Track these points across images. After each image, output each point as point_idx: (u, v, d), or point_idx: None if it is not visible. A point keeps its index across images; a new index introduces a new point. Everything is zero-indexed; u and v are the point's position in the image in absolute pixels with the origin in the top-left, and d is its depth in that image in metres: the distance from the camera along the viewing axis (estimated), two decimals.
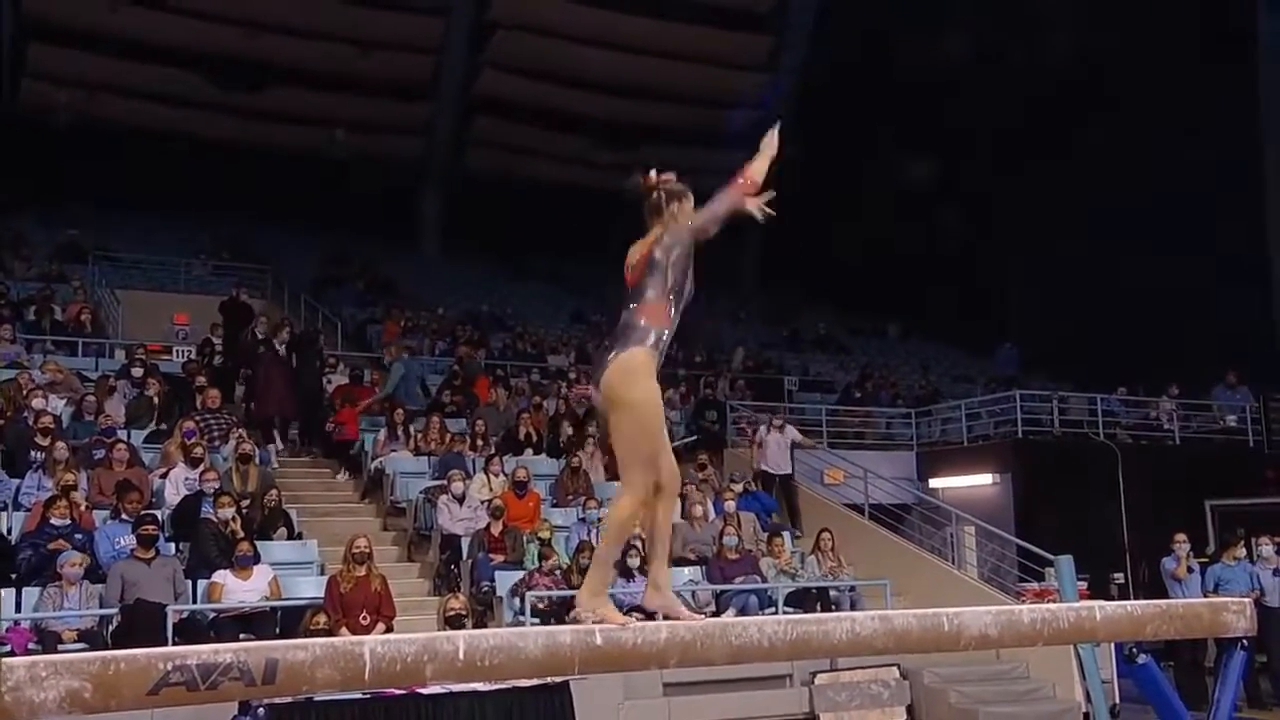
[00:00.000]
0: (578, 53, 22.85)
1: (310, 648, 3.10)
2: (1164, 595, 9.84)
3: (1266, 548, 10.69)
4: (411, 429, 12.11)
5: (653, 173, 3.87)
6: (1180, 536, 10.76)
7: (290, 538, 9.69)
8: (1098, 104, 20.48)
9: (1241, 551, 10.59)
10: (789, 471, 13.05)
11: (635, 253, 3.78)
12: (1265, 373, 16.70)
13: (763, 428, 13.37)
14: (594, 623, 3.58)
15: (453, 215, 24.48)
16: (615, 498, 3.75)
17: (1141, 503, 13.45)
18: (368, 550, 8.52)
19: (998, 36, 21.31)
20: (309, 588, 8.86)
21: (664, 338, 3.68)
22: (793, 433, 13.35)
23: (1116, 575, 12.86)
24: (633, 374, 3.55)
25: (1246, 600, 4.87)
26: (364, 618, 8.10)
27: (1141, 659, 4.58)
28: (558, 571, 9.45)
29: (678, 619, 3.69)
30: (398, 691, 5.79)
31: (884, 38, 22.80)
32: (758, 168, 3.84)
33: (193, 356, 13.79)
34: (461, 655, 3.32)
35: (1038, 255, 21.61)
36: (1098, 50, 20.39)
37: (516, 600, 9.19)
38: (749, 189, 3.80)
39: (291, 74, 21.98)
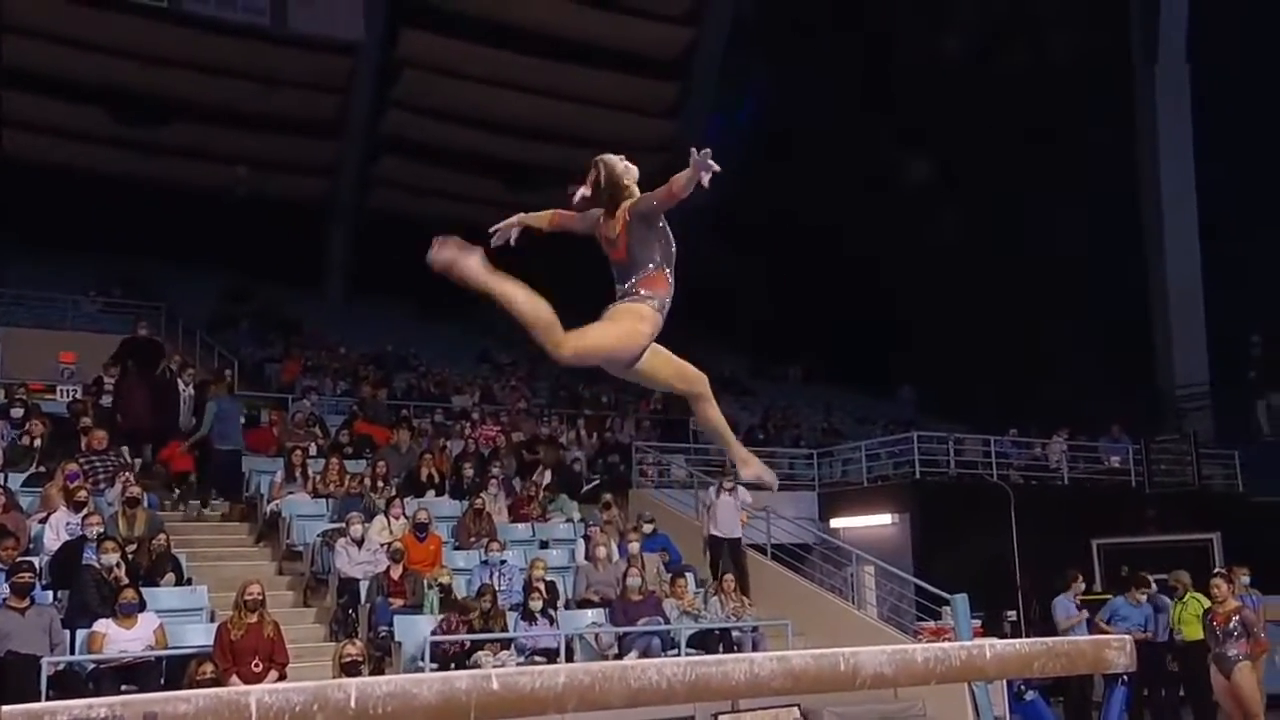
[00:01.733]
0: (486, 94, 22.91)
1: (192, 699, 2.99)
2: (1055, 632, 10.10)
3: (1146, 590, 11.00)
4: (310, 470, 11.85)
5: (601, 160, 3.96)
6: (1076, 575, 11.09)
7: (179, 583, 9.36)
8: (982, 162, 21.25)
9: (1143, 596, 10.90)
10: (739, 536, 12.40)
11: (611, 227, 3.84)
12: (1147, 418, 17.46)
13: (712, 490, 12.68)
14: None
15: (358, 255, 24.17)
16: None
17: (1032, 541, 13.83)
18: (260, 596, 8.27)
19: (885, 84, 22.02)
20: (197, 635, 8.56)
21: (666, 304, 3.79)
22: (744, 495, 12.62)
23: (1009, 613, 13.19)
24: (632, 313, 3.75)
25: (1127, 637, 5.05)
26: (256, 665, 7.85)
27: (1029, 696, 4.71)
28: (457, 617, 9.29)
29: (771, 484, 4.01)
30: None
31: (787, 83, 23.40)
32: (683, 179, 3.80)
33: (78, 396, 13.28)
34: (353, 704, 3.24)
35: (936, 302, 22.26)
36: (980, 113, 21.25)
37: (420, 645, 9.01)
38: (674, 190, 3.80)
39: (194, 110, 21.55)
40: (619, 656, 9.43)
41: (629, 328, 3.82)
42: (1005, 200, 20.53)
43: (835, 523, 15.23)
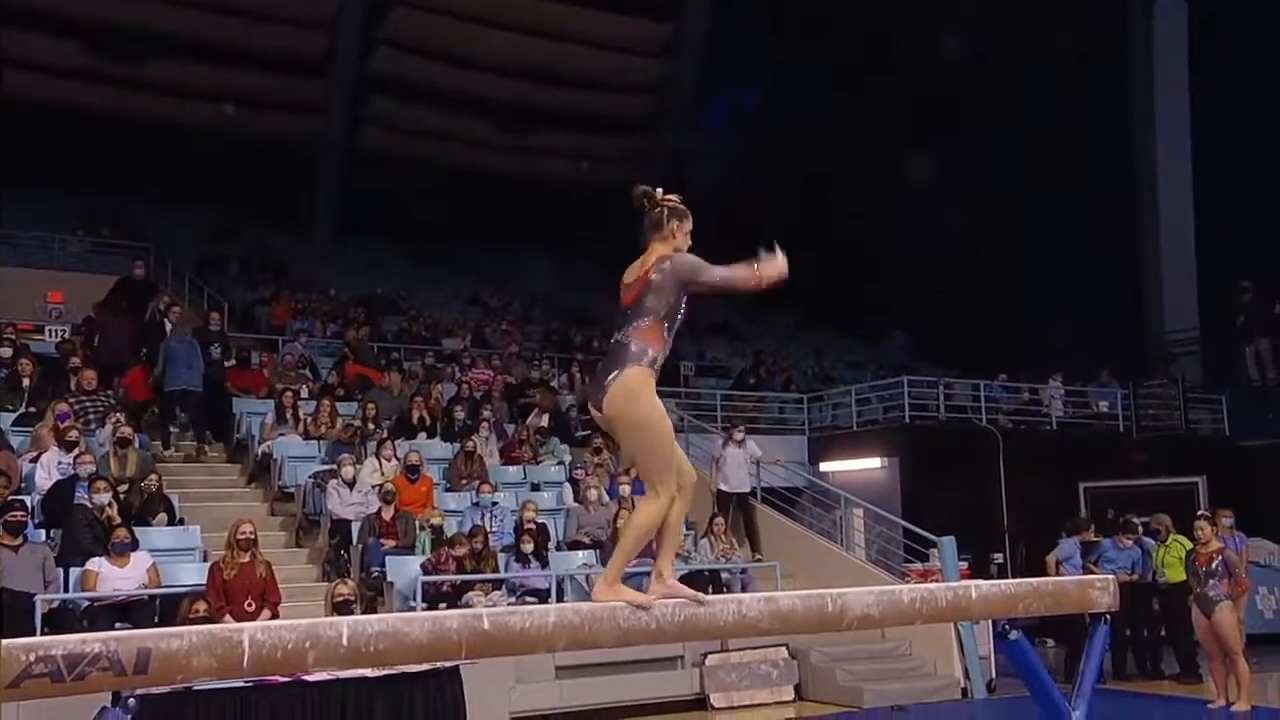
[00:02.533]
0: (476, 33, 22.52)
1: (186, 635, 3.02)
2: (1041, 573, 10.23)
3: (1128, 540, 11.13)
4: (301, 412, 11.86)
5: (659, 190, 3.92)
6: (1090, 524, 11.28)
7: (171, 523, 9.40)
8: (981, 105, 21.06)
9: (1130, 540, 11.05)
10: (746, 490, 12.32)
11: (633, 272, 3.82)
12: (1136, 363, 17.52)
13: (719, 442, 12.47)
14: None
15: (347, 196, 23.93)
16: (642, 502, 3.83)
17: (1020, 485, 13.96)
18: (252, 535, 8.32)
19: (893, 33, 21.74)
20: (190, 575, 8.62)
21: (658, 359, 3.74)
22: (753, 448, 12.44)
23: (996, 555, 13.35)
24: (634, 394, 3.64)
25: (1110, 578, 5.12)
26: (249, 605, 7.92)
27: (1013, 635, 4.75)
28: (450, 557, 9.36)
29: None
30: (282, 679, 5.67)
31: (784, 29, 23.07)
32: (769, 274, 3.84)
33: (67, 336, 13.22)
34: (345, 641, 3.28)
35: (928, 248, 22.19)
36: (981, 49, 21.00)
37: (412, 585, 9.09)
38: (756, 282, 3.84)
39: (176, 45, 21.15)
40: None
41: (650, 415, 3.71)
42: (998, 144, 20.38)
43: (825, 466, 15.33)
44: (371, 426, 11.83)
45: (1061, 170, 19.01)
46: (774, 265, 3.83)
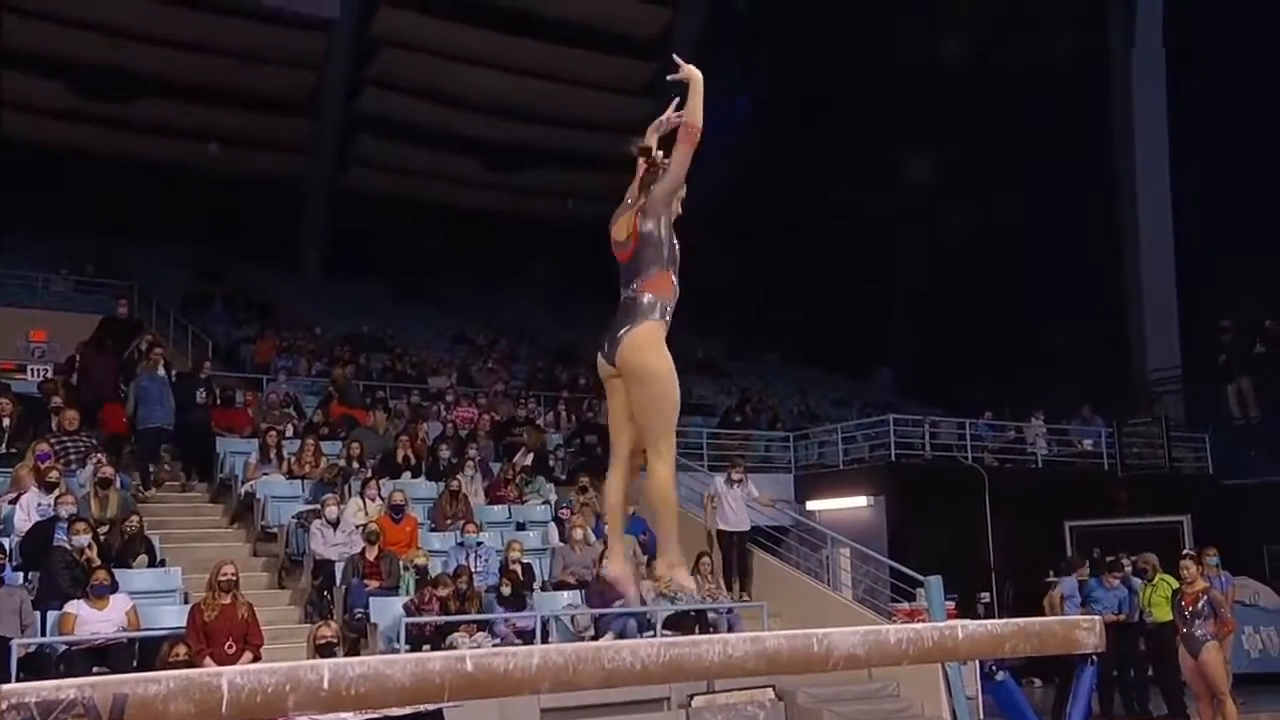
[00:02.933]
0: (462, 73, 22.71)
1: (164, 680, 2.97)
2: (1029, 613, 10.20)
3: (1115, 580, 11.17)
4: (285, 452, 11.79)
5: (659, 151, 3.81)
6: (1083, 562, 11.31)
7: (152, 565, 9.30)
8: (973, 143, 21.29)
9: (1117, 579, 11.06)
10: (747, 529, 12.18)
11: (621, 228, 3.75)
12: (1120, 401, 17.61)
13: (719, 480, 12.27)
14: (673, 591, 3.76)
15: (334, 235, 23.98)
16: (650, 471, 3.75)
17: (1006, 524, 13.97)
18: (234, 577, 8.23)
19: (879, 64, 21.99)
20: (171, 617, 8.51)
21: (670, 308, 3.72)
22: (752, 487, 12.31)
23: (983, 595, 13.32)
24: (649, 347, 3.62)
25: (1096, 618, 5.10)
26: (230, 647, 7.82)
27: (1000, 676, 4.73)
28: (434, 599, 9.28)
29: (628, 594, 4.01)
30: None
31: (767, 68, 23.34)
32: (694, 108, 3.73)
33: (49, 375, 13.12)
34: (326, 684, 3.23)
35: (914, 288, 22.35)
36: (968, 93, 21.29)
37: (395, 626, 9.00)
38: (695, 133, 3.72)
39: (162, 85, 21.24)
40: (595, 638, 9.45)
41: (663, 369, 3.70)
42: (985, 180, 20.58)
43: (811, 505, 15.30)
44: (356, 466, 11.77)
45: (1045, 213, 19.21)
46: (694, 96, 3.66)
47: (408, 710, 6.15)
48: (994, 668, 4.76)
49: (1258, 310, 16.39)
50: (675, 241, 3.78)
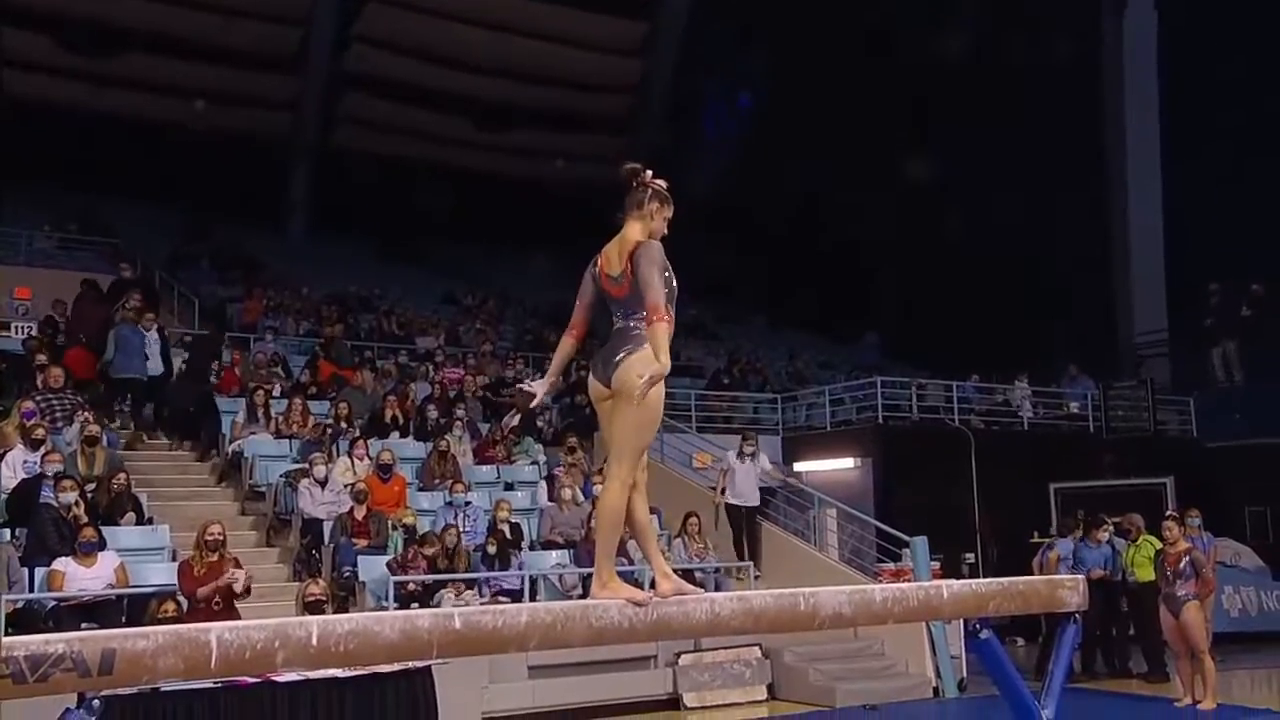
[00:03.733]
0: (450, 30, 22.48)
1: (152, 636, 2.99)
2: (1013, 573, 10.30)
3: (1107, 527, 11.29)
4: (273, 411, 11.77)
5: (648, 172, 3.96)
6: (1079, 522, 11.42)
7: (140, 523, 9.30)
8: (959, 112, 21.19)
9: (1105, 535, 11.16)
10: (757, 504, 11.92)
11: (614, 263, 3.85)
12: (1106, 365, 17.68)
13: (730, 454, 11.92)
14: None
15: (321, 193, 23.80)
16: (605, 488, 3.85)
17: (991, 485, 14.05)
18: (221, 536, 8.24)
19: (876, 34, 21.83)
20: (159, 575, 8.53)
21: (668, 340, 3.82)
22: (764, 460, 12.07)
23: (968, 555, 13.43)
24: (644, 372, 3.69)
25: (1079, 577, 5.16)
26: (216, 604, 7.84)
27: (984, 634, 4.78)
28: (421, 557, 9.32)
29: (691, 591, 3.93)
30: (251, 680, 5.62)
31: (758, 31, 23.14)
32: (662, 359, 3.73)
33: (34, 333, 13.05)
34: (315, 641, 3.25)
35: (902, 251, 22.34)
36: (956, 63, 21.15)
37: (384, 584, 9.04)
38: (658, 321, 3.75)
39: (148, 41, 20.97)
40: (583, 597, 9.51)
41: (653, 398, 3.77)
42: (976, 151, 20.52)
43: (799, 466, 15.36)
44: (344, 425, 11.77)
45: (1035, 178, 19.18)
46: (657, 366, 3.69)
47: (396, 667, 6.22)
48: (978, 626, 4.80)
49: (1244, 274, 16.43)
50: (673, 278, 3.89)
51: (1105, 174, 20.20)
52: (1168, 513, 10.41)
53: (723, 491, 11.80)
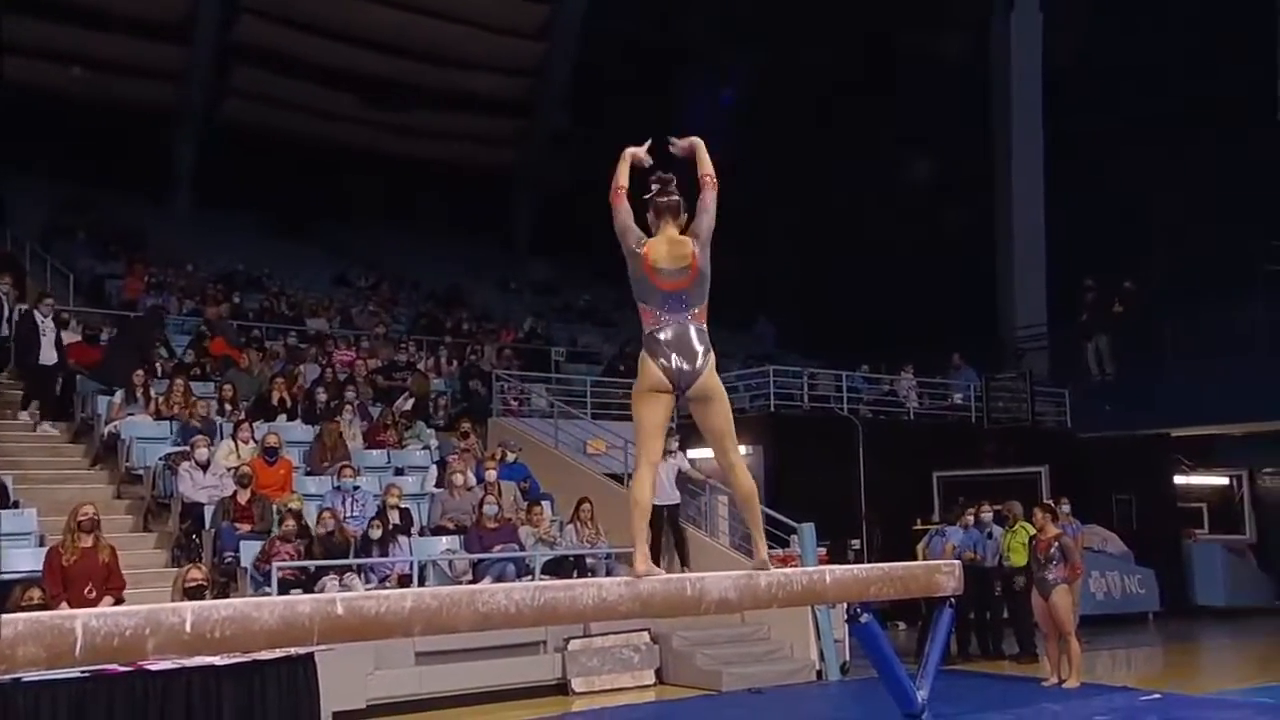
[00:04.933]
0: (345, 6, 21.90)
1: (10, 623, 2.86)
2: (902, 559, 10.60)
3: (986, 513, 11.75)
4: (153, 392, 11.37)
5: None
6: (963, 511, 11.77)
7: (4, 507, 8.90)
8: (848, 108, 21.57)
9: (970, 518, 11.60)
10: (676, 502, 11.79)
11: (677, 259, 4.15)
12: (989, 357, 18.26)
13: None
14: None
15: (208, 168, 22.99)
16: (743, 473, 4.47)
17: (878, 474, 14.41)
18: (94, 518, 7.94)
19: (763, 21, 22.04)
20: (25, 560, 8.19)
21: None
22: (682, 460, 12.10)
23: (854, 541, 13.75)
24: (717, 373, 4.23)
25: (956, 563, 5.34)
26: (89, 592, 7.56)
27: (865, 618, 4.91)
28: (301, 541, 9.13)
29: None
30: (122, 669, 5.44)
31: (663, 12, 23.15)
32: (707, 164, 4.30)
33: None
34: (189, 628, 3.15)
35: (794, 241, 22.68)
36: (849, 58, 21.56)
37: (259, 571, 8.83)
38: (716, 182, 4.28)
39: (27, 3, 19.92)
40: (473, 583, 9.45)
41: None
42: (864, 145, 20.91)
43: (692, 454, 15.48)
44: (228, 408, 11.44)
45: (926, 173, 19.63)
46: (706, 166, 4.27)
47: (277, 654, 6.09)
48: (859, 610, 4.93)
49: (1118, 271, 17.14)
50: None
51: (993, 172, 20.78)
52: (1041, 500, 10.86)
53: None
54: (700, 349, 4.13)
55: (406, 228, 23.79)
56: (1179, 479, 17.65)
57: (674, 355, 4.10)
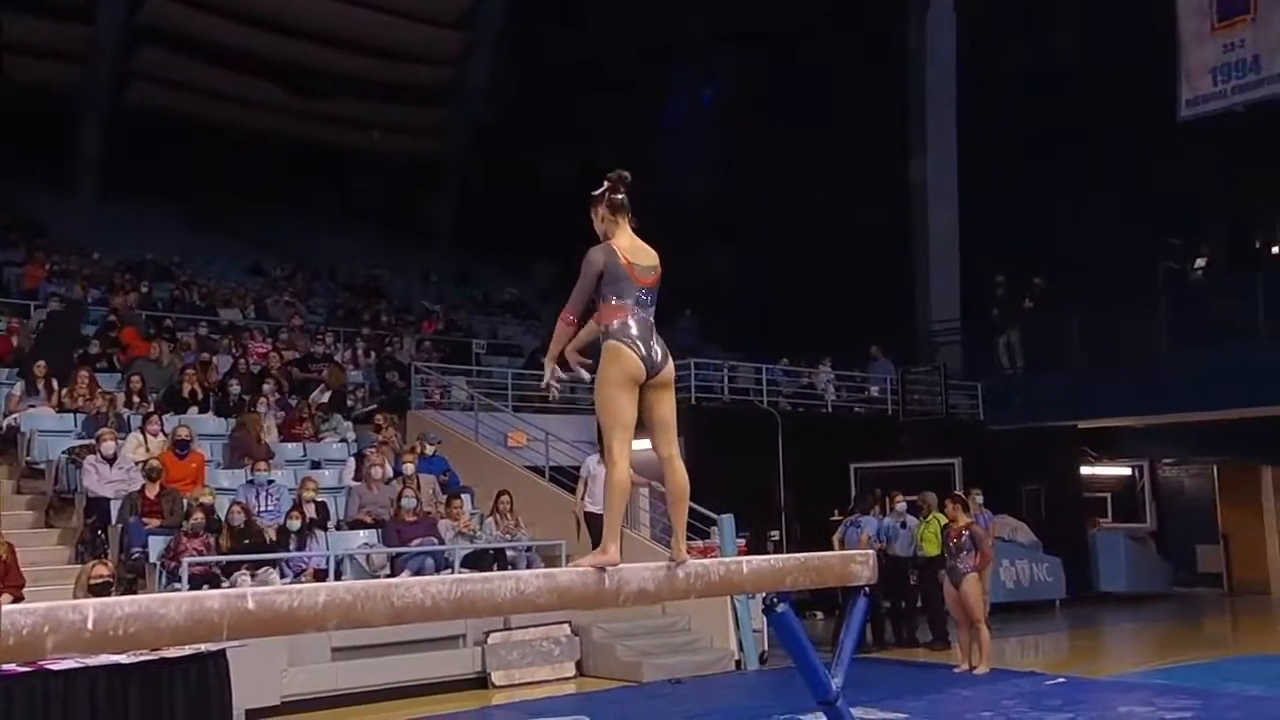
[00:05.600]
0: None
1: None
2: (820, 549, 10.76)
3: (900, 504, 11.99)
4: (54, 383, 11.00)
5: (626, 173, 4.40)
6: (877, 500, 11.96)
7: None
8: (778, 105, 21.76)
9: (877, 507, 11.83)
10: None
11: (648, 256, 4.41)
12: (905, 351, 18.62)
13: (591, 459, 11.05)
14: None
15: (114, 154, 22.25)
16: (677, 464, 4.58)
17: (797, 465, 14.58)
18: None
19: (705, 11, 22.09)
20: None
21: None
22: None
23: (773, 533, 13.92)
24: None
25: (870, 552, 5.43)
26: None
27: (781, 608, 4.96)
28: (210, 535, 8.93)
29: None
30: (20, 668, 5.26)
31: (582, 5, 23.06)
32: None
33: None
34: (90, 625, 3.05)
35: (716, 237, 22.81)
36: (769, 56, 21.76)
37: (166, 568, 8.61)
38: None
39: None
40: (391, 577, 9.34)
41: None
42: (791, 142, 21.09)
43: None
44: (136, 400, 11.12)
45: (846, 169, 19.88)
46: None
47: (186, 651, 5.94)
48: (775, 600, 4.98)
49: (1028, 268, 17.59)
50: None
51: (908, 167, 21.15)
52: (953, 491, 11.11)
53: (582, 499, 11.06)
54: (659, 339, 4.35)
55: (324, 217, 23.34)
56: (1085, 470, 18.21)
57: (648, 346, 4.28)
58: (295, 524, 9.37)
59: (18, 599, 7.37)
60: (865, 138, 20.27)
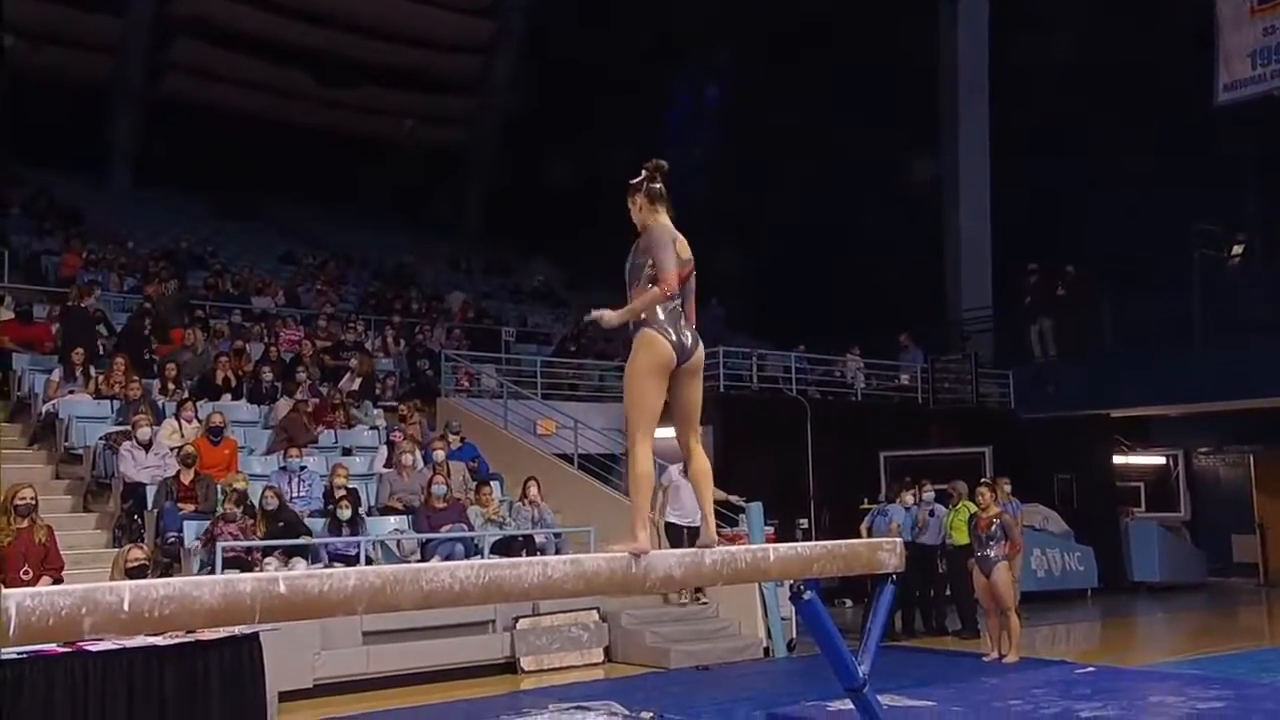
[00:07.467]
0: None
1: None
2: (848, 537, 10.74)
3: (928, 492, 11.94)
4: (93, 370, 11.17)
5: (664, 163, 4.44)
6: (903, 490, 11.92)
7: None
8: (794, 99, 21.65)
9: (910, 497, 11.78)
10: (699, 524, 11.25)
11: (685, 248, 4.48)
12: (936, 339, 18.50)
13: (674, 469, 10.73)
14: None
15: (149, 143, 22.52)
16: (700, 453, 4.61)
17: (826, 453, 14.55)
18: (32, 501, 7.78)
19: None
20: None
21: None
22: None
23: (801, 521, 13.89)
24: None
25: (898, 540, 5.43)
26: (25, 573, 7.42)
27: (807, 595, 4.96)
28: (247, 519, 9.04)
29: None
30: (60, 649, 5.36)
31: None
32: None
33: None
34: (127, 606, 3.12)
35: (744, 224, 22.75)
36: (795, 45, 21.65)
37: (202, 551, 8.73)
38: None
39: None
40: (421, 563, 9.41)
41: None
42: (814, 127, 20.98)
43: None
44: (172, 386, 11.27)
45: (876, 158, 19.75)
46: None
47: (221, 634, 6.03)
48: (802, 587, 4.99)
49: (1060, 256, 17.41)
50: None
51: (940, 155, 20.96)
52: (982, 480, 11.05)
53: (663, 510, 10.82)
54: (690, 328, 4.42)
55: (355, 206, 23.52)
56: (1117, 459, 18.03)
57: (678, 331, 4.35)
58: (346, 512, 9.45)
59: (57, 581, 7.50)
60: (898, 125, 20.12)
